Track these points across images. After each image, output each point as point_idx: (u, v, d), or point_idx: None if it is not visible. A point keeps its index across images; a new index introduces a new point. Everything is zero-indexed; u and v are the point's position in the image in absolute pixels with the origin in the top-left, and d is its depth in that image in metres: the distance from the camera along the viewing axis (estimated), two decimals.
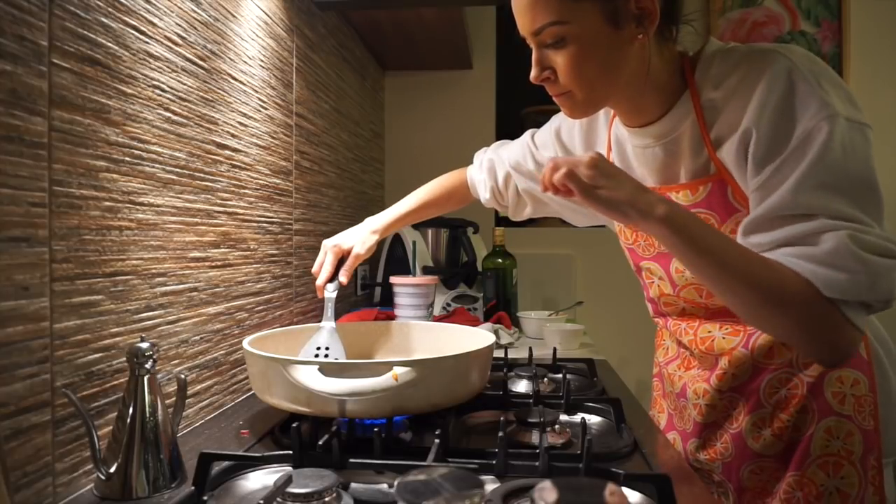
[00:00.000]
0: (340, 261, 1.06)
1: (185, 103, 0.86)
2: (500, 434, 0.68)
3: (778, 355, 0.84)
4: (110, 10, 0.69)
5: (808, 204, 0.69)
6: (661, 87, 0.82)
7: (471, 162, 1.25)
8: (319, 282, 1.04)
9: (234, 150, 1.02)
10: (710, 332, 0.91)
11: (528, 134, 1.15)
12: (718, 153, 0.79)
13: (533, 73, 0.80)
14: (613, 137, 0.95)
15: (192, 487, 0.60)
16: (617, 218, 0.72)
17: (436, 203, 1.20)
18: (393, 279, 1.47)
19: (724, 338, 0.89)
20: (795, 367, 0.84)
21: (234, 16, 1.01)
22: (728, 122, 0.77)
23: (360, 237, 1.09)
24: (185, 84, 0.86)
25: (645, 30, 0.76)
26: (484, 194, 1.20)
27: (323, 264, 1.05)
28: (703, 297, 0.89)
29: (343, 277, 1.04)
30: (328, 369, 0.74)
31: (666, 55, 0.82)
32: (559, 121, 1.08)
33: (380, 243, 2.03)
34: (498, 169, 1.17)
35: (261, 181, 1.13)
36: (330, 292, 1.02)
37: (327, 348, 0.97)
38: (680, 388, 0.96)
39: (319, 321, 1.01)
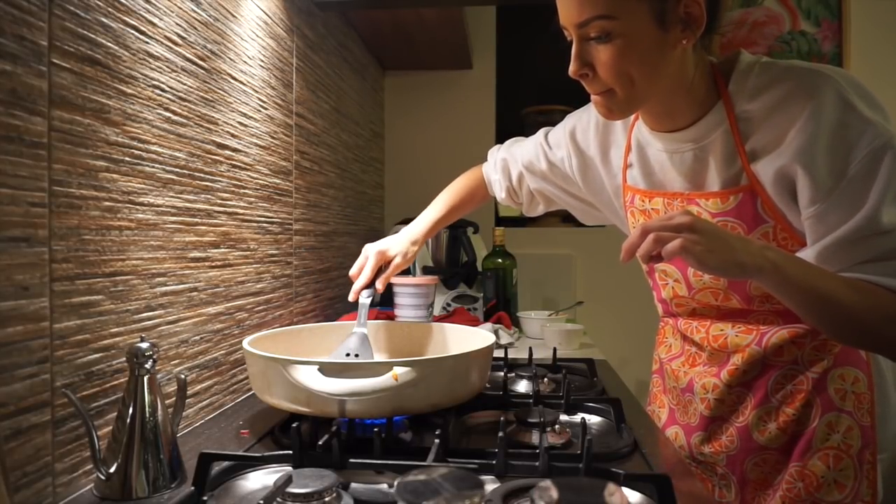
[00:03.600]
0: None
1: (185, 103, 0.86)
2: (500, 434, 0.68)
3: (787, 353, 0.87)
4: (110, 10, 0.69)
5: (888, 221, 0.71)
6: (696, 95, 0.83)
7: (471, 161, 1.25)
8: (356, 287, 1.03)
9: (234, 150, 1.02)
10: (722, 330, 0.92)
11: (541, 132, 1.15)
12: (753, 165, 0.80)
13: (572, 68, 0.79)
14: (634, 140, 0.95)
15: (192, 487, 0.60)
16: (729, 276, 0.72)
17: (461, 205, 1.20)
18: (393, 279, 1.47)
19: (736, 336, 0.91)
20: (802, 364, 0.87)
21: (234, 16, 1.01)
22: (768, 137, 0.78)
23: (402, 248, 1.08)
24: (185, 84, 0.86)
25: (690, 35, 0.76)
26: (500, 193, 1.21)
27: (363, 269, 1.04)
28: (719, 301, 0.91)
29: (380, 285, 1.04)
30: (328, 369, 0.74)
31: (701, 65, 0.82)
32: (573, 121, 1.08)
33: None
34: (511, 168, 1.18)
35: (261, 181, 1.13)
36: (364, 298, 1.01)
37: (356, 354, 0.95)
38: (686, 384, 0.98)
39: (319, 321, 1.01)
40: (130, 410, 0.64)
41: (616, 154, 1.00)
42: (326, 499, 0.56)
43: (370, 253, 1.05)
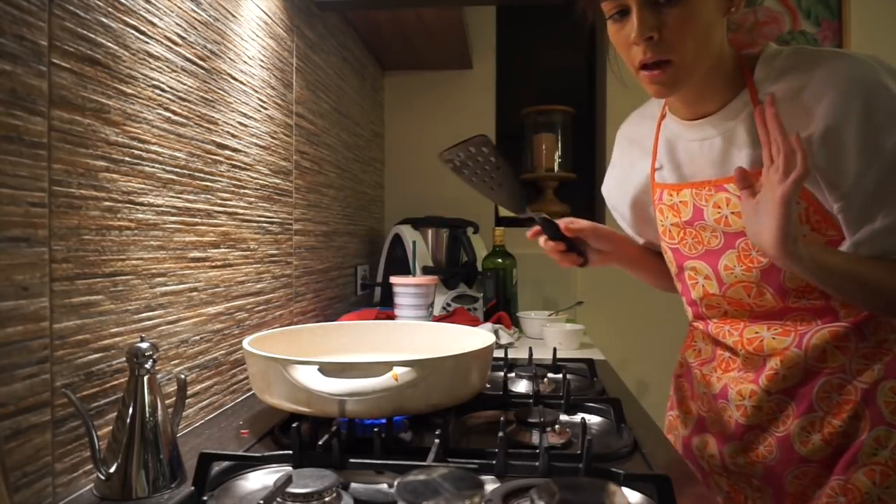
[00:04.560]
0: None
1: (185, 103, 0.86)
2: (500, 434, 0.67)
3: (831, 359, 0.83)
4: (110, 10, 0.69)
5: None
6: (726, 76, 0.84)
7: None
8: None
9: (234, 150, 1.02)
10: (757, 332, 0.89)
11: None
12: None
13: (637, 32, 0.76)
14: (662, 139, 0.95)
15: (192, 487, 0.60)
16: (781, 246, 0.72)
17: (655, 263, 1.12)
18: (393, 279, 1.47)
19: (773, 338, 0.87)
20: (849, 373, 0.83)
21: (234, 16, 1.02)
22: (794, 118, 0.77)
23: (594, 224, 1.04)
24: (185, 84, 0.86)
25: (737, 3, 0.78)
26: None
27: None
28: (751, 297, 0.88)
29: (562, 224, 0.98)
30: (328, 369, 0.74)
31: (729, 47, 0.83)
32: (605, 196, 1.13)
33: (380, 243, 2.04)
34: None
35: (261, 181, 1.13)
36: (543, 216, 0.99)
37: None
38: (719, 390, 0.94)
39: (319, 321, 1.00)
40: (130, 410, 0.64)
41: (642, 165, 1.01)
42: (326, 499, 0.56)
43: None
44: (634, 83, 0.90)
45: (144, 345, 0.65)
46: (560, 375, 1.08)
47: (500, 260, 1.85)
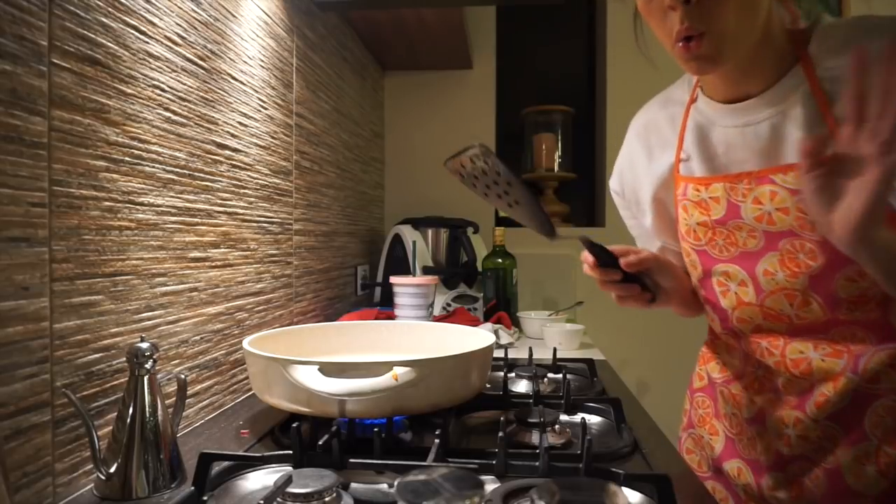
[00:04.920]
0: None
1: (185, 103, 0.86)
2: (500, 434, 0.67)
3: (885, 380, 0.74)
4: (110, 10, 0.69)
5: None
6: (775, 53, 0.75)
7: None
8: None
9: (234, 150, 1.02)
10: (802, 353, 0.78)
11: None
12: None
13: None
14: (692, 125, 0.84)
15: (192, 487, 0.60)
16: (859, 233, 0.60)
17: (687, 290, 0.94)
18: (393, 279, 1.47)
19: (822, 360, 0.77)
20: None
21: (234, 16, 1.02)
22: None
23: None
24: (185, 84, 0.86)
25: None
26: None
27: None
28: (794, 308, 0.77)
29: (623, 261, 0.81)
30: (328, 369, 0.74)
31: (779, 21, 0.75)
32: (615, 178, 1.01)
33: (380, 243, 2.04)
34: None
35: (261, 181, 1.13)
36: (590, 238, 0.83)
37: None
38: (754, 413, 0.85)
39: (319, 321, 1.00)
40: (130, 410, 0.64)
41: (665, 157, 0.90)
42: (326, 499, 0.56)
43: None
44: (664, 62, 0.82)
45: (144, 345, 0.65)
46: (560, 375, 1.08)
47: (500, 260, 1.85)
